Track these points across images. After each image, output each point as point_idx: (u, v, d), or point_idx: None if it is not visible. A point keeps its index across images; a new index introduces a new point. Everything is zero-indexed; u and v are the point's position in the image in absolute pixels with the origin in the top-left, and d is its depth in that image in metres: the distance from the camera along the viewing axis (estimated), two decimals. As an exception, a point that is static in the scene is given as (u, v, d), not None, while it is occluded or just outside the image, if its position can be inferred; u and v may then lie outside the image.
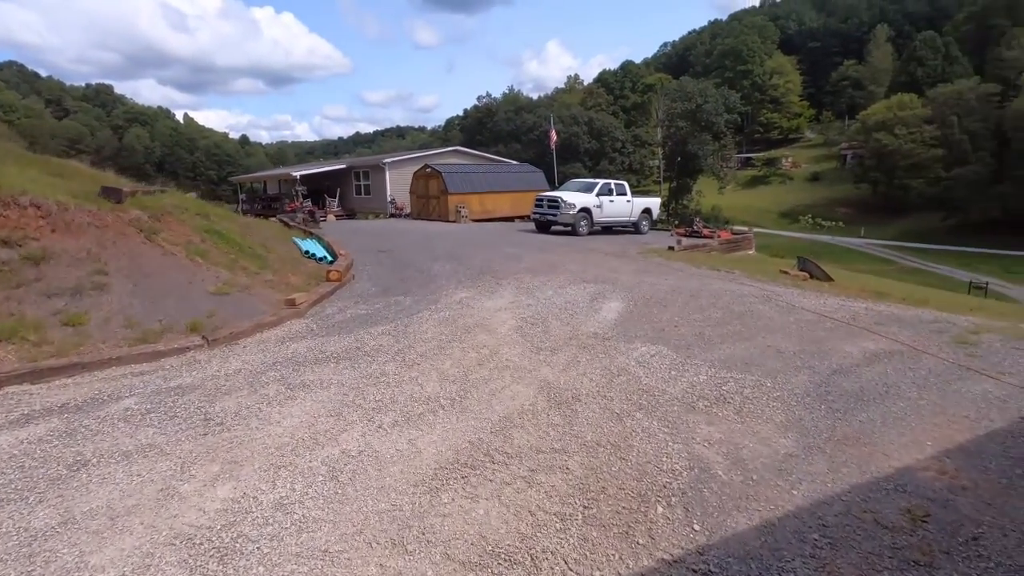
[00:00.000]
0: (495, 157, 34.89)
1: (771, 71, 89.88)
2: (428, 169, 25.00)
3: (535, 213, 18.81)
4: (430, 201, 24.56)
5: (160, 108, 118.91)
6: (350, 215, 29.25)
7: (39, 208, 6.40)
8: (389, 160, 29.52)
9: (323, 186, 30.35)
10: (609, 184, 19.09)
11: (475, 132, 74.46)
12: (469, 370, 5.04)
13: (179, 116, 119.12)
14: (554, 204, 17.90)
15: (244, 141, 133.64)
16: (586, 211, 17.90)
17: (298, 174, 29.65)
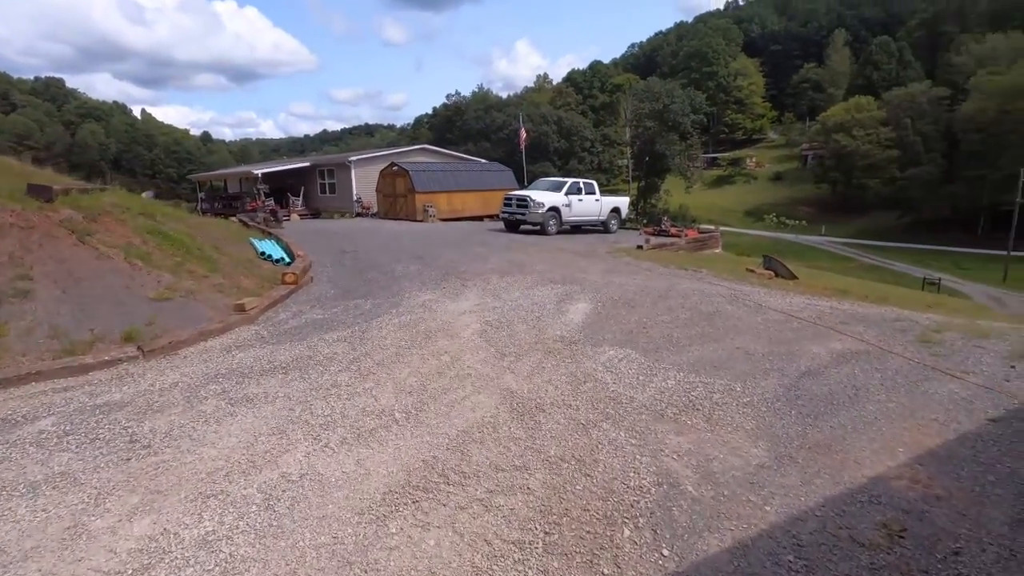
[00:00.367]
0: (464, 155, 34.50)
1: (735, 73, 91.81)
2: (395, 167, 24.48)
3: (504, 212, 18.56)
4: (397, 200, 24.05)
5: (116, 103, 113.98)
6: (315, 214, 28.46)
7: (-47, 207, 5.83)
8: (355, 158, 28.81)
9: (287, 185, 29.42)
10: (578, 183, 18.97)
11: (444, 130, 73.76)
12: (428, 379, 4.75)
13: (136, 112, 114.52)
14: (523, 203, 17.68)
15: (206, 138, 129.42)
16: (555, 210, 17.74)
17: (260, 172, 28.64)
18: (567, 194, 18.20)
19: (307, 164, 31.30)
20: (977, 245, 49.53)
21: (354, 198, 27.39)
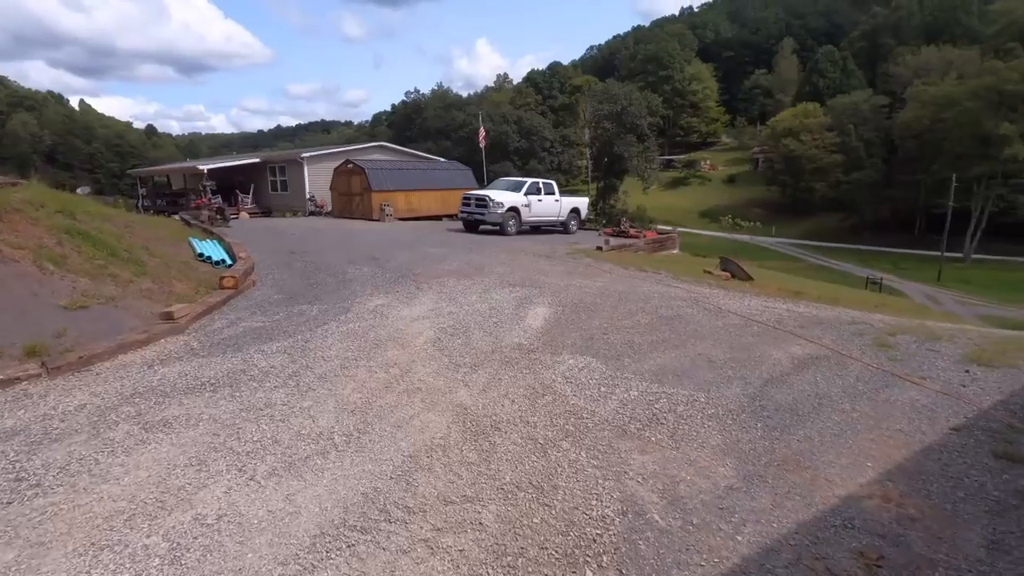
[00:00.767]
0: (422, 154, 33.78)
1: (690, 77, 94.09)
2: (350, 165, 23.67)
3: (463, 212, 18.18)
4: (353, 199, 23.26)
5: (51, 93, 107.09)
6: (266, 213, 27.22)
7: None
8: (308, 155, 27.73)
9: (235, 181, 28.02)
10: (538, 183, 18.79)
11: (404, 128, 72.55)
12: (374, 395, 4.36)
13: (74, 102, 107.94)
14: (482, 203, 17.35)
15: (151, 132, 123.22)
16: (515, 210, 17.49)
17: (206, 168, 27.18)
18: (527, 194, 17.99)
19: (258, 160, 29.91)
20: (914, 246, 52.39)
21: (307, 196, 26.35)
